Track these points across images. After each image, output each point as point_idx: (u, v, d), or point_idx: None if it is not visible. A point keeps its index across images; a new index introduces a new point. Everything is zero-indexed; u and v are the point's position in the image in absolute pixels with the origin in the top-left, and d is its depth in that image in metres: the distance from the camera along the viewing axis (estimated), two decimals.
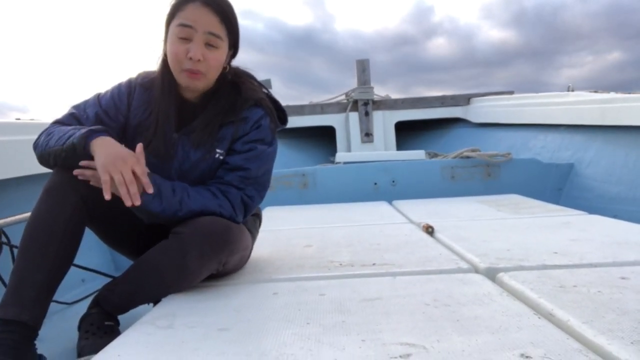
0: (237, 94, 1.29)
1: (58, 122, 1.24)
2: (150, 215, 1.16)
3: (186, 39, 1.18)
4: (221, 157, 1.27)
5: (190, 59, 1.17)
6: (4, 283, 1.38)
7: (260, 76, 1.40)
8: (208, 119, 1.26)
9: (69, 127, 1.17)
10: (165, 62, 1.25)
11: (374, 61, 5.08)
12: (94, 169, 1.09)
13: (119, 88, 1.30)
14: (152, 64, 1.31)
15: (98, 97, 1.29)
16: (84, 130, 1.12)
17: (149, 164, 1.27)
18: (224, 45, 1.22)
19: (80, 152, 1.11)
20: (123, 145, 1.13)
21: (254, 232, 1.43)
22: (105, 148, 1.10)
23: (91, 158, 1.10)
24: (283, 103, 1.39)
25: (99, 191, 1.19)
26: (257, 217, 1.48)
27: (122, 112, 1.28)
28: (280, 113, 1.36)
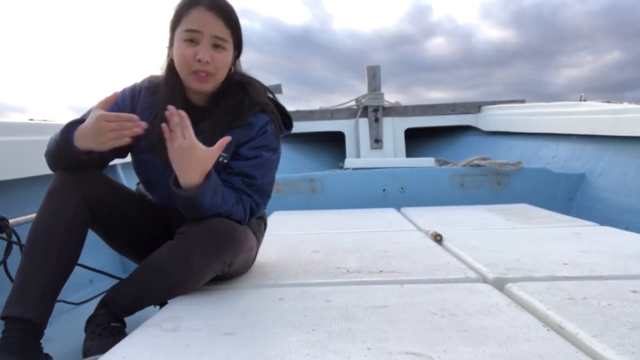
0: (244, 95, 1.30)
1: None
2: (189, 204, 1.15)
3: (193, 42, 1.19)
4: (225, 161, 1.28)
5: (199, 61, 1.18)
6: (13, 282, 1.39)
7: (269, 80, 1.40)
8: (217, 119, 1.27)
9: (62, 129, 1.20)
10: (170, 67, 1.27)
11: (373, 61, 5.10)
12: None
13: (122, 93, 1.32)
14: (153, 67, 1.33)
15: None
16: (63, 127, 1.16)
17: (154, 165, 1.28)
18: (230, 47, 1.24)
19: (64, 147, 1.14)
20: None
21: (259, 234, 1.43)
22: (83, 133, 1.13)
23: (75, 152, 1.14)
24: (289, 106, 1.40)
25: (101, 193, 1.20)
26: (262, 220, 1.48)
27: None
28: (285, 118, 1.37)
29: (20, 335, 1.07)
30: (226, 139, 1.15)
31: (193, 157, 1.11)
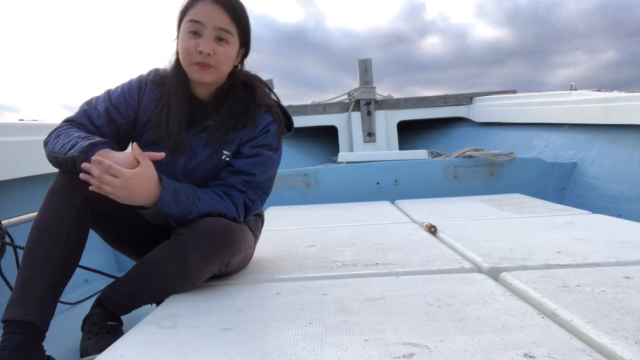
0: (251, 97, 1.30)
1: (69, 121, 1.25)
2: (163, 218, 1.15)
3: (196, 34, 1.19)
4: (227, 159, 1.28)
5: (200, 52, 1.18)
6: (8, 284, 1.38)
7: (262, 76, 1.40)
8: (222, 119, 1.27)
9: (75, 134, 1.17)
10: (178, 61, 1.26)
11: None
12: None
13: (129, 84, 1.31)
14: (149, 65, 1.32)
15: (108, 93, 1.30)
16: (85, 143, 1.12)
17: (156, 161, 1.27)
18: (235, 41, 1.23)
19: (80, 165, 1.11)
20: (121, 154, 1.13)
21: (256, 232, 1.43)
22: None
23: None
24: (283, 103, 1.40)
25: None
26: (260, 217, 1.48)
27: (132, 108, 1.28)
28: (286, 120, 1.37)
29: (19, 339, 1.07)
30: (160, 155, 1.13)
31: (137, 184, 1.08)
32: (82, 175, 1.09)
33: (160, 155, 1.14)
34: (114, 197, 1.09)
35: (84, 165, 1.08)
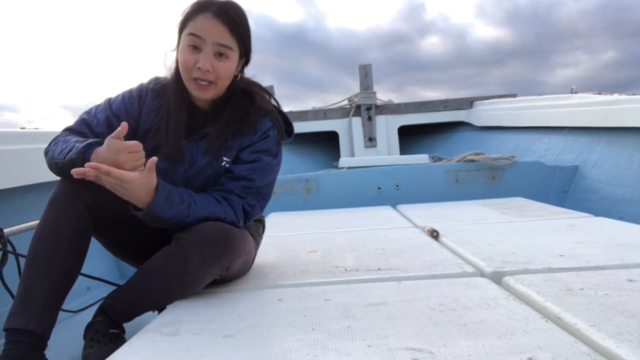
0: (250, 104, 1.30)
1: (68, 130, 1.25)
2: (157, 221, 1.16)
3: (196, 49, 1.19)
4: (227, 165, 1.28)
5: (199, 69, 1.18)
6: (9, 292, 1.38)
7: (262, 80, 1.40)
8: (222, 127, 1.27)
9: (73, 139, 1.18)
10: (178, 70, 1.26)
11: (367, 60, 5.11)
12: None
13: (130, 92, 1.32)
14: (147, 66, 1.33)
15: (109, 102, 1.30)
16: (81, 145, 1.12)
17: (157, 167, 1.27)
18: (234, 55, 1.23)
19: (79, 167, 1.11)
20: (104, 148, 1.10)
21: (257, 237, 1.43)
22: (100, 160, 1.07)
23: None
24: (283, 106, 1.40)
25: (103, 200, 1.19)
26: (260, 223, 1.48)
27: (132, 116, 1.29)
28: (287, 126, 1.37)
29: (21, 348, 1.07)
30: (153, 160, 1.10)
31: (132, 189, 1.08)
32: (74, 172, 1.04)
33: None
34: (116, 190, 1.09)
35: (76, 170, 1.04)
